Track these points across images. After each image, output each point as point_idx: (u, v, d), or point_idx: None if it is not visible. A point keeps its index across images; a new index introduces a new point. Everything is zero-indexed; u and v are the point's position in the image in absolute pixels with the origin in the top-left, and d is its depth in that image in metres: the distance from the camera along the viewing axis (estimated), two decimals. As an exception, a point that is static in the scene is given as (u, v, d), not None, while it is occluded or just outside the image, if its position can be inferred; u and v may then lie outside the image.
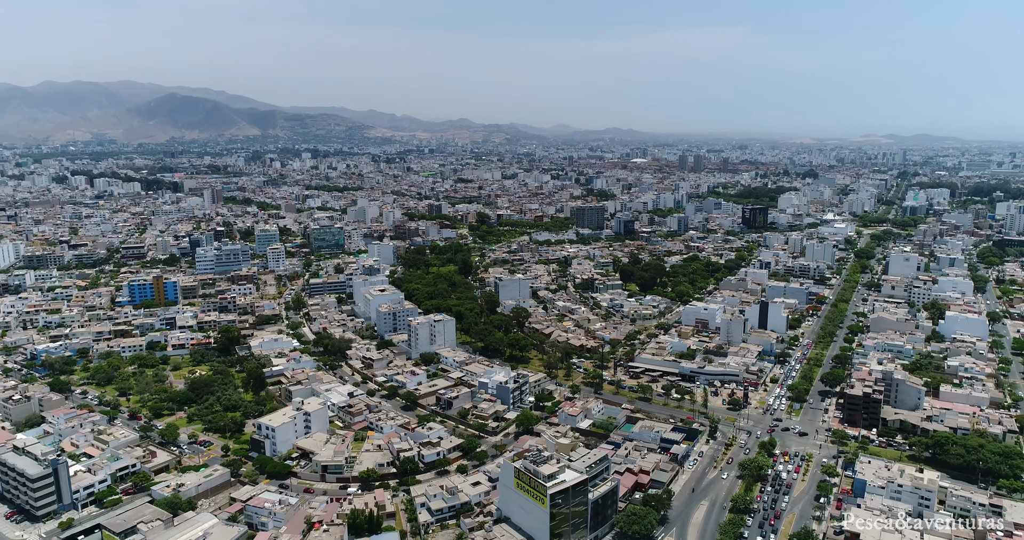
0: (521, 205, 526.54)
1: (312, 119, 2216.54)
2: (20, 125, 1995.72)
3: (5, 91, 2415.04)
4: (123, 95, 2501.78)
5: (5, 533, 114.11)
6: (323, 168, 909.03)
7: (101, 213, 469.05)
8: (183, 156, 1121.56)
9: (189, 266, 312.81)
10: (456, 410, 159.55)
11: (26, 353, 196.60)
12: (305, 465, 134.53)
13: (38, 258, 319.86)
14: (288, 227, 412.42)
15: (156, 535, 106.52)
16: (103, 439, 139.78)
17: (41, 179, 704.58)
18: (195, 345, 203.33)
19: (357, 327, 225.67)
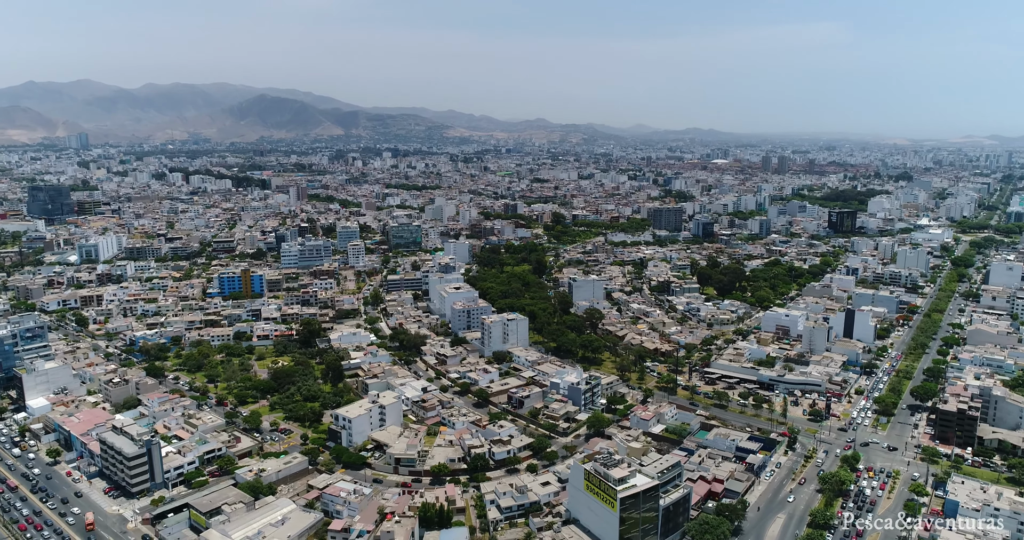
0: (597, 205, 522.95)
1: (393, 119, 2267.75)
2: (125, 125, 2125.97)
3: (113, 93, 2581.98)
4: (217, 96, 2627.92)
5: (103, 507, 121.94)
6: (403, 167, 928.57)
7: (195, 208, 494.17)
8: (271, 155, 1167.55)
9: (275, 260, 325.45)
10: (527, 409, 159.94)
11: (125, 339, 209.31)
12: (379, 457, 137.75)
13: (138, 250, 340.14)
14: (368, 224, 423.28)
15: (239, 517, 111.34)
16: (192, 423, 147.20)
17: (142, 176, 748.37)
18: (278, 336, 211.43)
19: (432, 324, 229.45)
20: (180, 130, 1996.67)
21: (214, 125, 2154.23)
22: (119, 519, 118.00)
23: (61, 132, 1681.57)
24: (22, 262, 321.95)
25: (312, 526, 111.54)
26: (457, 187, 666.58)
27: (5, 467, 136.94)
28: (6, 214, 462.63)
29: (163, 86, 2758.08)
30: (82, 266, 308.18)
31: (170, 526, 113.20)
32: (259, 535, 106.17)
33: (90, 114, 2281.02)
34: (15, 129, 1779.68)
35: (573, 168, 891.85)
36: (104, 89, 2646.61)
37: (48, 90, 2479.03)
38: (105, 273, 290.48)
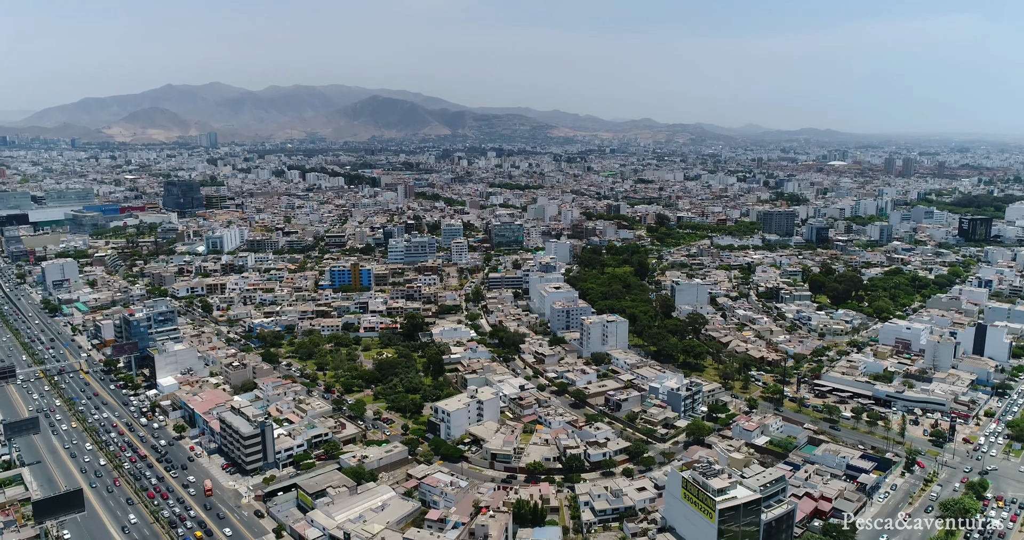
0: (703, 208, 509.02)
1: (498, 119, 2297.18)
2: (250, 125, 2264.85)
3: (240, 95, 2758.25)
4: (334, 97, 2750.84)
5: (221, 481, 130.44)
6: (506, 166, 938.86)
7: (310, 204, 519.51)
8: (381, 154, 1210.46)
9: (382, 255, 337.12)
10: (624, 413, 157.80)
11: (245, 326, 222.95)
12: (476, 451, 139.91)
13: (258, 242, 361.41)
14: (471, 222, 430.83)
15: (342, 500, 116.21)
16: (302, 408, 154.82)
17: (263, 173, 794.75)
18: (383, 329, 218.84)
19: (531, 322, 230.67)
20: (299, 130, 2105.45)
21: (330, 125, 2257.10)
22: (234, 494, 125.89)
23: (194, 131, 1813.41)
24: (157, 251, 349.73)
25: (410, 514, 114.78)
26: (560, 187, 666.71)
27: (137, 438, 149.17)
28: (145, 207, 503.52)
29: (285, 88, 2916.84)
30: (208, 256, 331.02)
31: (280, 504, 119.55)
32: (360, 519, 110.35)
33: (219, 115, 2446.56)
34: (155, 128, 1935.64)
35: (679, 169, 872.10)
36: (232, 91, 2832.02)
37: (184, 92, 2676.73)
38: (228, 263, 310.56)
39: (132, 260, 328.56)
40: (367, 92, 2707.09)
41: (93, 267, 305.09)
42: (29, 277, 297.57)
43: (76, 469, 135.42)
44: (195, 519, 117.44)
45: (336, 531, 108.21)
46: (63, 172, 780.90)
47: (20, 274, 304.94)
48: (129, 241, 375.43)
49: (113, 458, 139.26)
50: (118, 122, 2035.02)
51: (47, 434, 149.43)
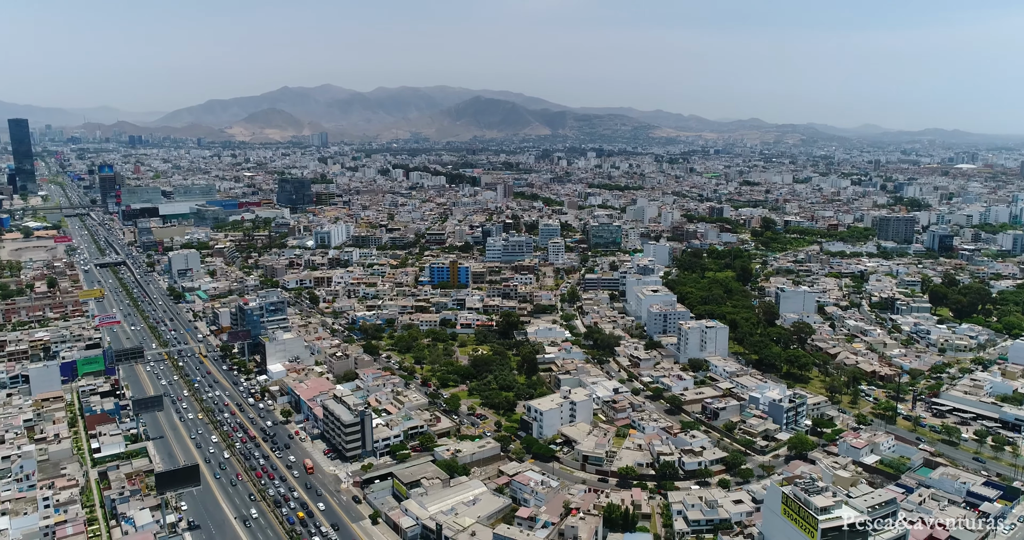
0: (812, 212, 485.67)
1: (600, 119, 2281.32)
2: (358, 125, 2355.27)
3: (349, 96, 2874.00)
4: (437, 98, 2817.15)
5: (322, 466, 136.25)
6: (606, 167, 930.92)
7: (413, 202, 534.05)
8: (482, 153, 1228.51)
9: (480, 253, 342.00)
10: (722, 421, 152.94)
11: (348, 318, 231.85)
12: (567, 452, 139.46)
13: (363, 238, 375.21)
14: (569, 223, 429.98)
15: (435, 491, 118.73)
16: (400, 400, 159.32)
17: (369, 171, 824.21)
18: (479, 326, 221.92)
19: (627, 325, 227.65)
20: (404, 130, 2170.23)
21: (433, 125, 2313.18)
22: (334, 479, 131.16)
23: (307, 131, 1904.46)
24: (270, 244, 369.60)
25: (500, 510, 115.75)
26: (660, 188, 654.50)
27: (247, 419, 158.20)
28: (260, 202, 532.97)
29: (391, 89, 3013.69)
30: (316, 250, 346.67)
31: (376, 491, 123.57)
32: (452, 511, 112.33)
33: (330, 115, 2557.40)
34: (271, 128, 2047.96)
35: (788, 171, 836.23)
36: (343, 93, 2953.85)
37: (298, 94, 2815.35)
38: (335, 258, 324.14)
39: (248, 252, 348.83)
40: (470, 93, 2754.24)
41: (213, 258, 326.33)
42: (157, 266, 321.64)
43: (193, 445, 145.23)
44: (298, 500, 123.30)
45: (429, 521, 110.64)
46: (189, 169, 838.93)
47: (150, 263, 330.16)
48: (245, 234, 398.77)
49: (226, 437, 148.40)
50: (239, 122, 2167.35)
51: (169, 412, 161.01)
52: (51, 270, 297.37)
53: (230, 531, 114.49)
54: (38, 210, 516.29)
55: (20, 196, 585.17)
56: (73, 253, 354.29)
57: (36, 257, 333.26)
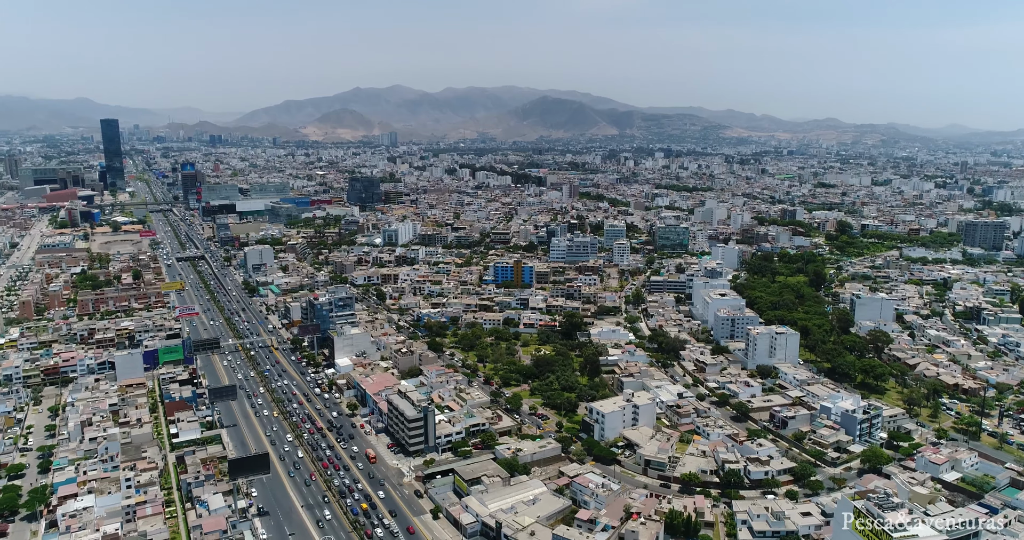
0: (892, 215, 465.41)
1: (668, 119, 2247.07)
2: (426, 125, 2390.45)
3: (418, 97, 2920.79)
4: (505, 98, 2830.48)
5: (385, 459, 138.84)
6: (674, 168, 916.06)
7: (478, 201, 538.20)
8: (548, 153, 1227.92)
9: (544, 253, 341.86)
10: (791, 431, 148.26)
11: (413, 315, 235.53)
12: (629, 455, 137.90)
13: (429, 236, 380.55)
14: (635, 224, 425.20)
15: (495, 489, 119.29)
16: (462, 397, 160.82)
17: (436, 170, 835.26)
18: (542, 326, 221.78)
19: (693, 329, 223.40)
20: (471, 130, 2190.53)
21: (500, 125, 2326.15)
22: (397, 472, 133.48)
23: (376, 131, 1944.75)
24: (340, 241, 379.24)
25: (560, 511, 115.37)
26: (730, 190, 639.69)
27: (315, 411, 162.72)
28: (331, 200, 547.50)
29: (459, 90, 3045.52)
30: (384, 248, 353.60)
31: (437, 486, 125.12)
32: (512, 510, 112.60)
33: (399, 115, 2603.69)
34: (343, 128, 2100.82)
35: (866, 173, 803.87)
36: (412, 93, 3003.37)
37: (369, 95, 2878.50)
38: (401, 255, 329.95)
39: (318, 249, 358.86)
40: (537, 93, 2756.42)
41: (286, 254, 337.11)
42: (234, 260, 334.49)
43: (264, 434, 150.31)
44: (361, 491, 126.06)
45: (488, 519, 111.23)
46: (265, 167, 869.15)
47: (227, 257, 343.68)
48: (317, 231, 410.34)
49: (295, 428, 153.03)
50: (312, 122, 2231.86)
51: (242, 401, 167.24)
52: (136, 263, 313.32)
53: (297, 519, 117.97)
54: (126, 206, 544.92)
55: (110, 192, 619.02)
56: (157, 247, 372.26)
57: (123, 250, 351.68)
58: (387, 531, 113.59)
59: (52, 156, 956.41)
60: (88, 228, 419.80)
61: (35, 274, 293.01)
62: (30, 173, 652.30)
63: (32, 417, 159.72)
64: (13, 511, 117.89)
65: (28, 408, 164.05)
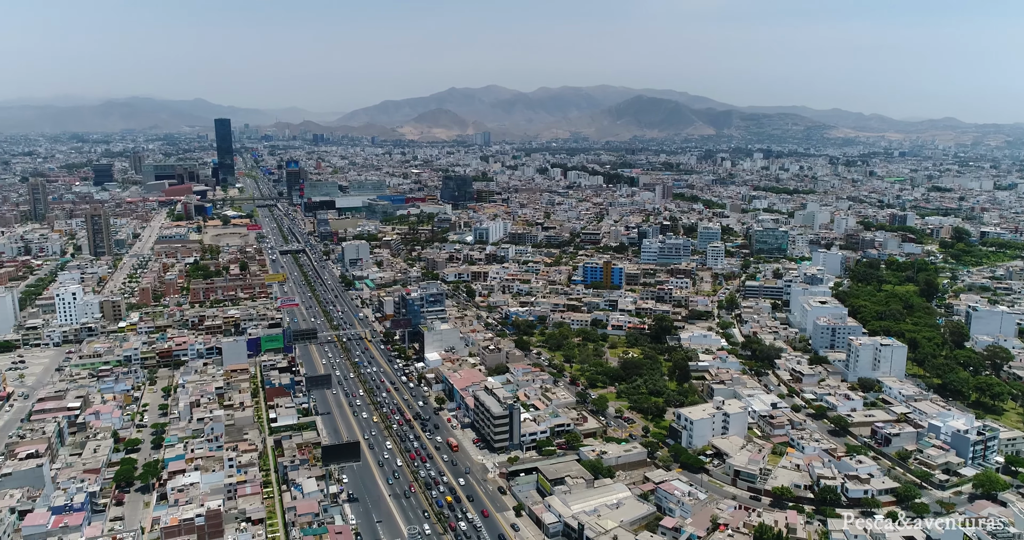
0: (1016, 222, 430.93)
1: (768, 119, 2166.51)
2: (519, 124, 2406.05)
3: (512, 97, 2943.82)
4: (598, 98, 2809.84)
5: (471, 454, 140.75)
6: (774, 169, 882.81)
7: (569, 201, 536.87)
8: (642, 153, 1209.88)
9: (635, 255, 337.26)
10: (895, 449, 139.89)
11: (502, 313, 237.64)
12: (717, 465, 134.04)
13: (519, 235, 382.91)
14: (730, 226, 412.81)
15: (579, 490, 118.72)
16: (548, 396, 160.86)
17: (528, 170, 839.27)
18: (631, 328, 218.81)
19: (789, 337, 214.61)
20: (563, 129, 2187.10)
21: (593, 125, 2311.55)
22: (482, 468, 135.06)
23: (470, 131, 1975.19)
24: (432, 238, 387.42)
25: (644, 517, 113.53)
26: (834, 193, 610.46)
27: (404, 403, 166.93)
28: (425, 198, 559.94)
29: (553, 90, 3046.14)
30: (475, 246, 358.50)
31: (520, 484, 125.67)
32: (595, 512, 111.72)
33: (493, 115, 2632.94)
34: (438, 128, 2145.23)
35: (988, 176, 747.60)
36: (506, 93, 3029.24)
37: (464, 95, 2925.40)
38: (492, 254, 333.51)
39: (412, 245, 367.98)
40: (632, 92, 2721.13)
41: (381, 249, 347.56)
42: (332, 254, 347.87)
43: (355, 423, 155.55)
44: (447, 484, 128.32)
45: (571, 520, 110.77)
46: (363, 165, 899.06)
47: (326, 251, 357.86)
48: (410, 228, 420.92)
49: (384, 418, 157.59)
50: (409, 122, 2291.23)
51: (336, 390, 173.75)
52: (243, 255, 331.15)
53: (384, 507, 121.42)
54: (235, 200, 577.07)
55: (221, 188, 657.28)
56: (262, 240, 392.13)
57: (232, 243, 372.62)
58: (470, 525, 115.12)
59: (171, 153, 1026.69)
60: (201, 221, 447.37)
61: (153, 263, 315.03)
62: (151, 169, 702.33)
63: (148, 396, 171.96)
64: (129, 482, 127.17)
65: (144, 387, 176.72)
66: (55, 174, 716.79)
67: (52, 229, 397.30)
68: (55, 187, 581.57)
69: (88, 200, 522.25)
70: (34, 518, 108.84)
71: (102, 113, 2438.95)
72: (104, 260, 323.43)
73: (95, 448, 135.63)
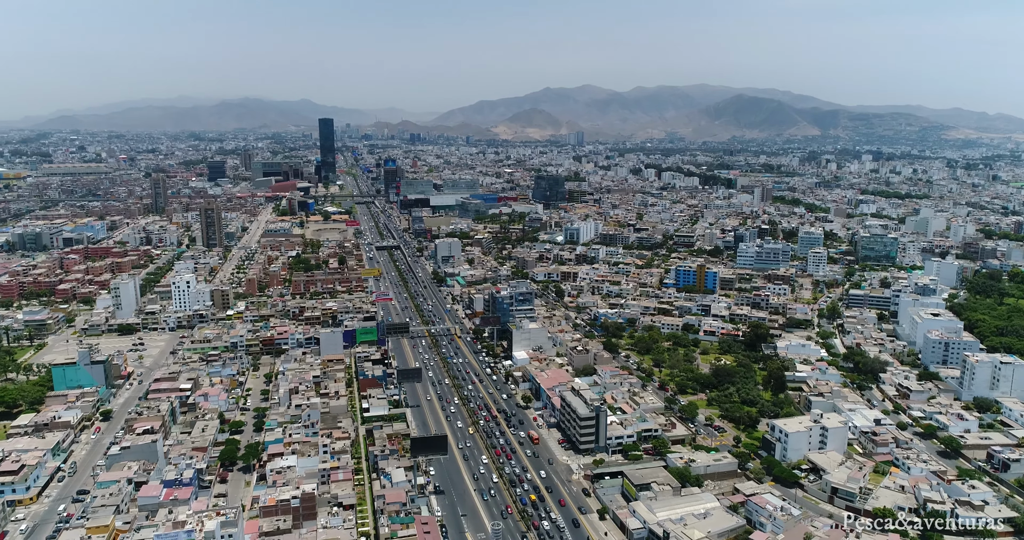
0: None
1: (879, 118, 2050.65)
2: (613, 124, 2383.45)
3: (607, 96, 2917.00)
4: (696, 97, 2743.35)
5: (556, 454, 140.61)
6: (884, 172, 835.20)
7: (663, 203, 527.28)
8: (740, 154, 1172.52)
9: (730, 259, 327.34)
10: (1014, 476, 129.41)
11: (591, 314, 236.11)
12: (813, 480, 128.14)
13: (610, 236, 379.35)
14: (834, 232, 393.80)
15: (665, 498, 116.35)
16: (635, 400, 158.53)
17: (621, 170, 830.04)
18: (724, 334, 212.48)
19: (896, 350, 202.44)
20: (659, 129, 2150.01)
21: (690, 125, 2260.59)
22: (566, 468, 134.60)
23: (564, 131, 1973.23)
24: (523, 237, 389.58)
25: (732, 529, 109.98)
26: (951, 198, 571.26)
27: (491, 400, 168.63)
28: (517, 197, 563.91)
29: (649, 89, 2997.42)
30: (565, 246, 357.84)
31: (605, 487, 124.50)
32: (681, 521, 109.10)
33: (587, 115, 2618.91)
34: (532, 128, 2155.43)
35: None
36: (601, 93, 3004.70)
37: (559, 95, 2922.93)
38: (582, 254, 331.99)
39: (502, 244, 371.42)
40: (731, 91, 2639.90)
41: (472, 247, 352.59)
42: (425, 251, 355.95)
43: (443, 417, 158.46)
44: (531, 482, 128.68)
45: (656, 527, 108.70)
46: (458, 164, 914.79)
47: (419, 248, 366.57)
48: (502, 227, 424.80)
49: (472, 414, 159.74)
50: (503, 122, 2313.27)
51: (426, 384, 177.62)
52: (342, 250, 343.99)
53: (469, 501, 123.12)
54: (335, 197, 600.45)
55: (323, 184, 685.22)
56: (359, 236, 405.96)
57: (331, 238, 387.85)
58: (553, 525, 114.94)
59: (278, 151, 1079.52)
60: (304, 216, 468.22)
61: (259, 256, 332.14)
62: (260, 166, 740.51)
63: (251, 381, 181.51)
64: (232, 461, 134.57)
65: (248, 373, 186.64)
66: (174, 170, 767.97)
67: (170, 221, 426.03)
68: (174, 182, 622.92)
69: (203, 195, 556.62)
70: (148, 490, 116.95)
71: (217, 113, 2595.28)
72: (215, 251, 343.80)
73: (203, 428, 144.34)
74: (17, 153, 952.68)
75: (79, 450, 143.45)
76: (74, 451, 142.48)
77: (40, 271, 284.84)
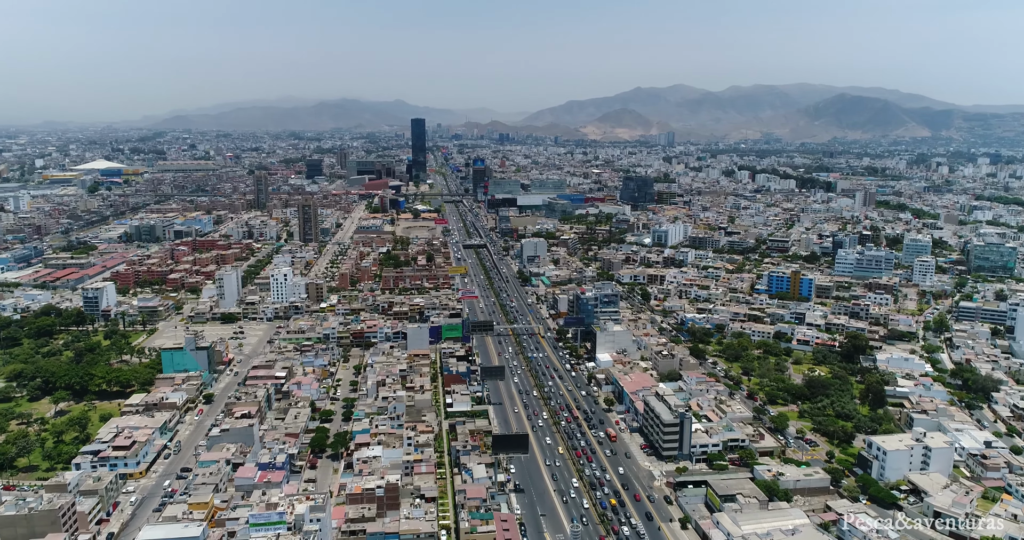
0: None
1: (998, 119, 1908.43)
2: (706, 125, 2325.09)
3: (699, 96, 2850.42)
4: (795, 96, 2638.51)
5: (638, 460, 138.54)
6: (1002, 176, 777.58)
7: (756, 206, 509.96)
8: (842, 156, 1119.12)
9: (827, 266, 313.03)
10: None
11: (677, 318, 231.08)
12: (913, 502, 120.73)
13: (700, 239, 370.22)
14: (944, 239, 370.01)
15: (750, 511, 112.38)
16: (722, 408, 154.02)
17: (713, 172, 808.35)
18: (819, 344, 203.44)
19: (1012, 368, 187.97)
20: (754, 130, 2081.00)
21: (787, 125, 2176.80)
22: (648, 474, 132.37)
23: (654, 131, 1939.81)
24: (609, 239, 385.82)
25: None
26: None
27: (573, 401, 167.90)
28: (604, 198, 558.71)
29: (745, 88, 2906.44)
30: (652, 248, 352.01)
31: (688, 496, 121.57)
32: (768, 536, 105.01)
33: (679, 115, 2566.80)
34: (621, 128, 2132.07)
35: None
36: (693, 92, 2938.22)
37: (649, 94, 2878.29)
38: (670, 257, 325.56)
39: (588, 245, 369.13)
40: (833, 90, 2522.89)
41: (558, 248, 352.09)
42: (511, 250, 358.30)
43: (525, 416, 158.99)
44: (610, 485, 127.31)
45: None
46: (546, 164, 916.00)
47: (505, 247, 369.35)
48: (588, 228, 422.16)
49: (553, 414, 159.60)
50: (592, 122, 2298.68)
51: (508, 382, 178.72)
52: (430, 247, 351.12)
53: (549, 501, 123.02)
54: (425, 195, 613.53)
55: (414, 183, 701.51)
56: (447, 234, 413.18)
57: (420, 235, 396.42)
58: (633, 531, 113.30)
59: (372, 150, 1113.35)
60: (394, 214, 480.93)
61: (352, 251, 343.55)
62: (354, 165, 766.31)
63: (341, 372, 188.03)
64: (322, 449, 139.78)
65: (339, 364, 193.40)
66: (275, 168, 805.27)
67: (271, 216, 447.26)
68: (274, 179, 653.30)
69: (300, 191, 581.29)
70: (244, 471, 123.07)
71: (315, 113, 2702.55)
72: (311, 246, 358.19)
73: (296, 415, 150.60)
74: (136, 150, 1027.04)
75: (183, 430, 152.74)
76: (179, 431, 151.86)
77: (153, 261, 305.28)
